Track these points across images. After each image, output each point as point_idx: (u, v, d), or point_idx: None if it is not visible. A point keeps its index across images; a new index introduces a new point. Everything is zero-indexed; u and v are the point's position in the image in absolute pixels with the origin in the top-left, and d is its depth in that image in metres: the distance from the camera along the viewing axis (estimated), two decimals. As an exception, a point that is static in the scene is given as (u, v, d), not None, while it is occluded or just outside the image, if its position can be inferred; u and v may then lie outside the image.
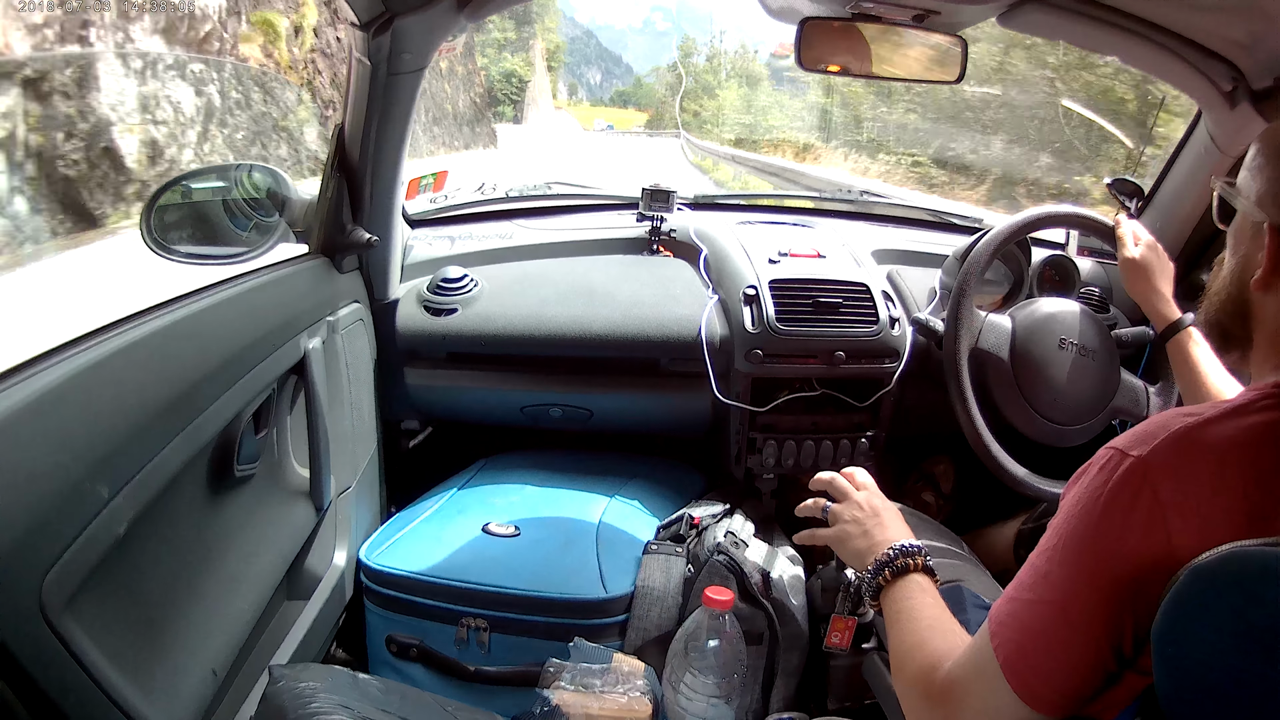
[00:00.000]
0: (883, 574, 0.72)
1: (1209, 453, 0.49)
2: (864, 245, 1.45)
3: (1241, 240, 0.59)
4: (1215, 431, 0.50)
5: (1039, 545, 0.55)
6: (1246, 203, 0.58)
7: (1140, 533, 0.49)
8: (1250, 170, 0.58)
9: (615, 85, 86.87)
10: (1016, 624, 0.54)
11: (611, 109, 77.34)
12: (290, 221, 1.06)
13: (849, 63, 1.11)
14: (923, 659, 0.62)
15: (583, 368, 1.29)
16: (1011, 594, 0.56)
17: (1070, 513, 0.53)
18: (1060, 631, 0.52)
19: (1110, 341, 1.16)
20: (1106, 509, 0.50)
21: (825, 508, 0.84)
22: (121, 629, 0.65)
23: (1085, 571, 0.51)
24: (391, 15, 0.94)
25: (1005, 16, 1.01)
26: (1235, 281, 0.59)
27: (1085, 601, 0.51)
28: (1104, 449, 0.53)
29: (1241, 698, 0.42)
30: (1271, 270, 0.55)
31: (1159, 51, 1.05)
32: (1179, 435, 0.50)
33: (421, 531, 1.17)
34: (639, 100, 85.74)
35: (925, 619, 0.67)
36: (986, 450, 1.10)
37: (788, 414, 1.28)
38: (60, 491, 0.57)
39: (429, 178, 1.54)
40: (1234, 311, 0.59)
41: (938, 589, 0.70)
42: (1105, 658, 0.51)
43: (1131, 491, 0.49)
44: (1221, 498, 0.48)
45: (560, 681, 0.98)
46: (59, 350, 0.62)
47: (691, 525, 1.17)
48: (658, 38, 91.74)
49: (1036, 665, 0.52)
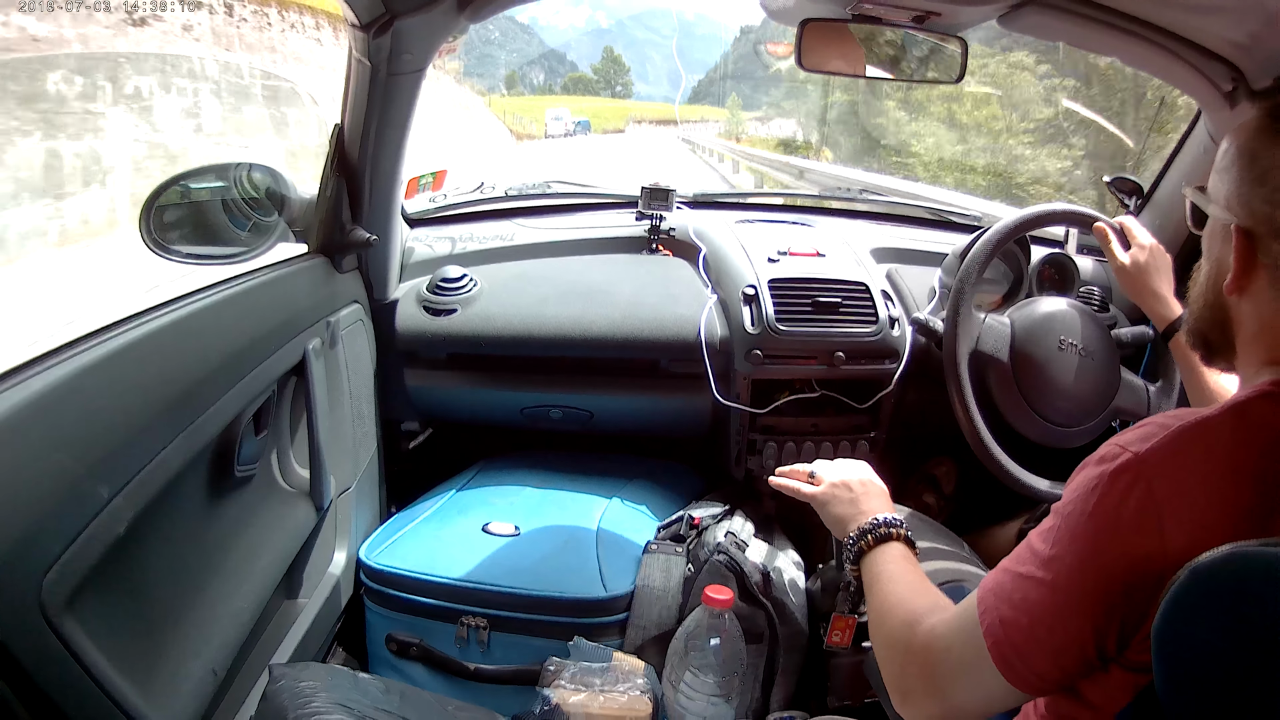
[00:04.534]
0: (865, 539, 0.74)
1: (1207, 452, 0.49)
2: (863, 244, 1.45)
3: (1214, 245, 0.59)
4: (1214, 431, 0.50)
5: (1040, 525, 0.56)
6: (1216, 207, 0.57)
7: (1132, 529, 0.49)
8: (1219, 172, 0.58)
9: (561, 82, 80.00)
10: (1004, 594, 0.55)
11: (587, 100, 65.44)
12: (289, 221, 1.06)
13: (849, 64, 1.11)
14: (904, 614, 0.63)
15: (582, 369, 1.29)
16: (1005, 566, 0.56)
17: (1070, 498, 0.53)
18: (1046, 611, 0.52)
19: (1110, 341, 1.15)
20: (1101, 502, 0.51)
21: (813, 472, 0.86)
22: (121, 629, 0.65)
23: (1077, 557, 0.51)
24: (392, 16, 0.93)
25: (1005, 18, 1.01)
26: (1211, 288, 0.59)
27: (1074, 586, 0.51)
28: (1108, 442, 0.53)
29: (1241, 697, 0.42)
30: (1241, 272, 0.54)
31: (1159, 52, 1.05)
32: (1177, 434, 0.50)
33: (421, 531, 1.17)
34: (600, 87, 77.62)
35: (906, 580, 0.68)
36: (987, 451, 1.10)
37: (788, 415, 1.28)
38: (60, 491, 0.57)
39: (428, 177, 1.54)
40: (1212, 319, 0.59)
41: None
42: (1086, 647, 0.51)
43: (1126, 487, 0.50)
44: (1217, 498, 0.48)
45: (560, 680, 0.98)
46: (59, 350, 0.62)
47: (692, 525, 1.17)
48: (601, 35, 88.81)
49: (1016, 640, 0.53)
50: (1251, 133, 0.55)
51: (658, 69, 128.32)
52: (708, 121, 44.56)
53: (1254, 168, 0.54)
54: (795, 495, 0.86)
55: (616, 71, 72.39)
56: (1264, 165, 0.54)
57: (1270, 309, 0.54)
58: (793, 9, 1.06)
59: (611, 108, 51.15)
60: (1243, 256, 0.54)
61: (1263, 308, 0.55)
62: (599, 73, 74.40)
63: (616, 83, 70.47)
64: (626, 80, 72.75)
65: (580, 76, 78.02)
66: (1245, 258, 0.54)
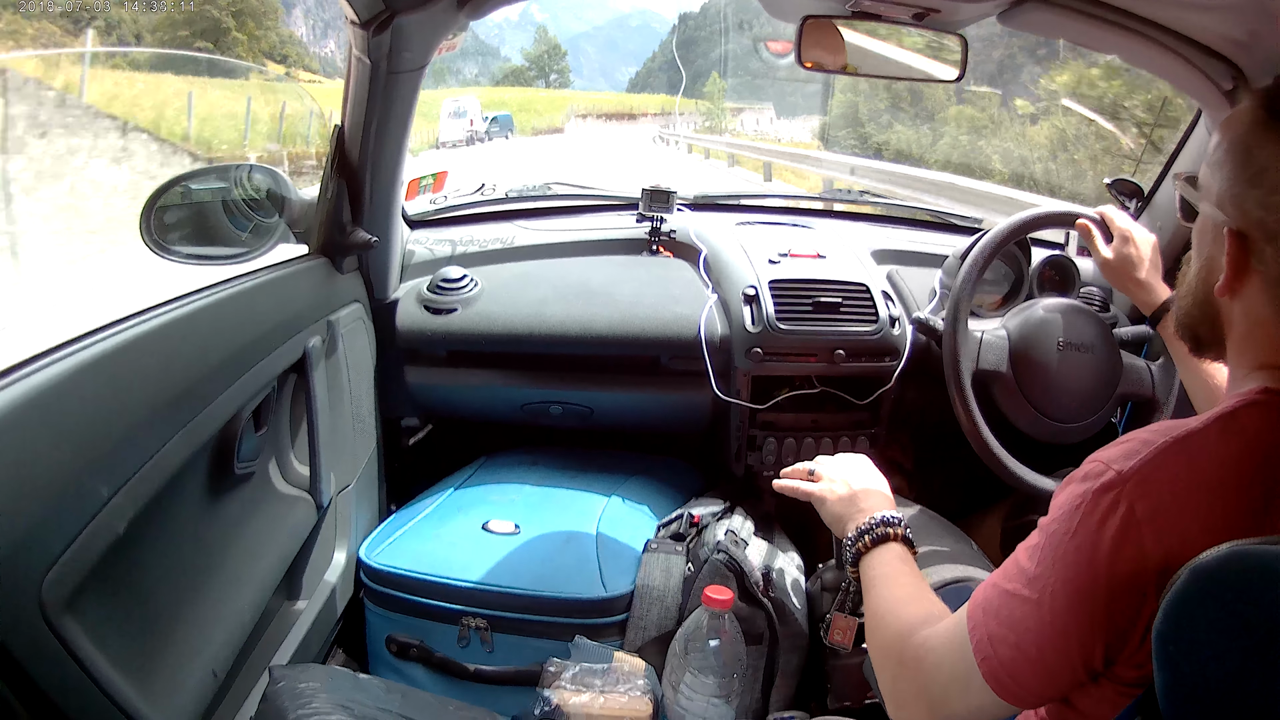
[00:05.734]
0: (862, 540, 0.73)
1: (1191, 467, 0.49)
2: (864, 245, 1.45)
3: (1204, 242, 0.56)
4: (1199, 445, 0.49)
5: (1027, 540, 0.55)
6: (1208, 204, 0.55)
7: (1114, 548, 0.48)
8: (1211, 165, 0.55)
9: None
10: (993, 611, 0.54)
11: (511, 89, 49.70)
12: (290, 222, 1.06)
13: (849, 61, 1.11)
14: (898, 624, 0.63)
15: (583, 366, 1.29)
16: (994, 580, 0.56)
17: (1054, 516, 0.53)
18: (1032, 630, 0.52)
19: (1108, 331, 1.15)
20: (1084, 522, 0.50)
21: (813, 469, 0.85)
22: (121, 629, 0.65)
23: (1061, 578, 0.51)
24: (392, 13, 0.93)
25: (1005, 15, 1.01)
26: (1201, 285, 0.57)
27: (1059, 606, 0.51)
28: (1090, 459, 0.53)
29: (1242, 698, 0.42)
30: (1234, 276, 0.52)
31: (1159, 50, 1.05)
32: (1160, 451, 0.49)
33: (421, 530, 1.17)
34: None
35: (902, 585, 0.68)
36: (987, 448, 1.09)
37: (788, 412, 1.28)
38: (60, 490, 0.57)
39: (429, 178, 1.54)
40: (1201, 316, 0.57)
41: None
42: (1075, 664, 0.51)
43: (1109, 507, 0.49)
44: (1204, 512, 0.48)
45: (561, 681, 0.98)
46: (59, 348, 0.62)
47: (692, 524, 1.17)
48: (534, 26, 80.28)
49: (1005, 657, 0.53)
50: (1246, 126, 0.53)
51: (591, 61, 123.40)
52: (674, 114, 34.88)
53: (1248, 166, 0.52)
54: (795, 494, 0.86)
55: (552, 57, 62.39)
56: (1259, 164, 0.51)
57: (1263, 313, 0.52)
58: (793, 5, 1.06)
59: (545, 99, 40.14)
60: (1235, 260, 0.52)
61: (1255, 311, 0.53)
62: (532, 59, 64.41)
63: (552, 70, 60.95)
64: (563, 67, 63.64)
65: (514, 68, 67.28)
66: (1238, 262, 0.52)
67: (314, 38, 55.25)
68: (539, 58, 63.74)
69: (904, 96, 14.44)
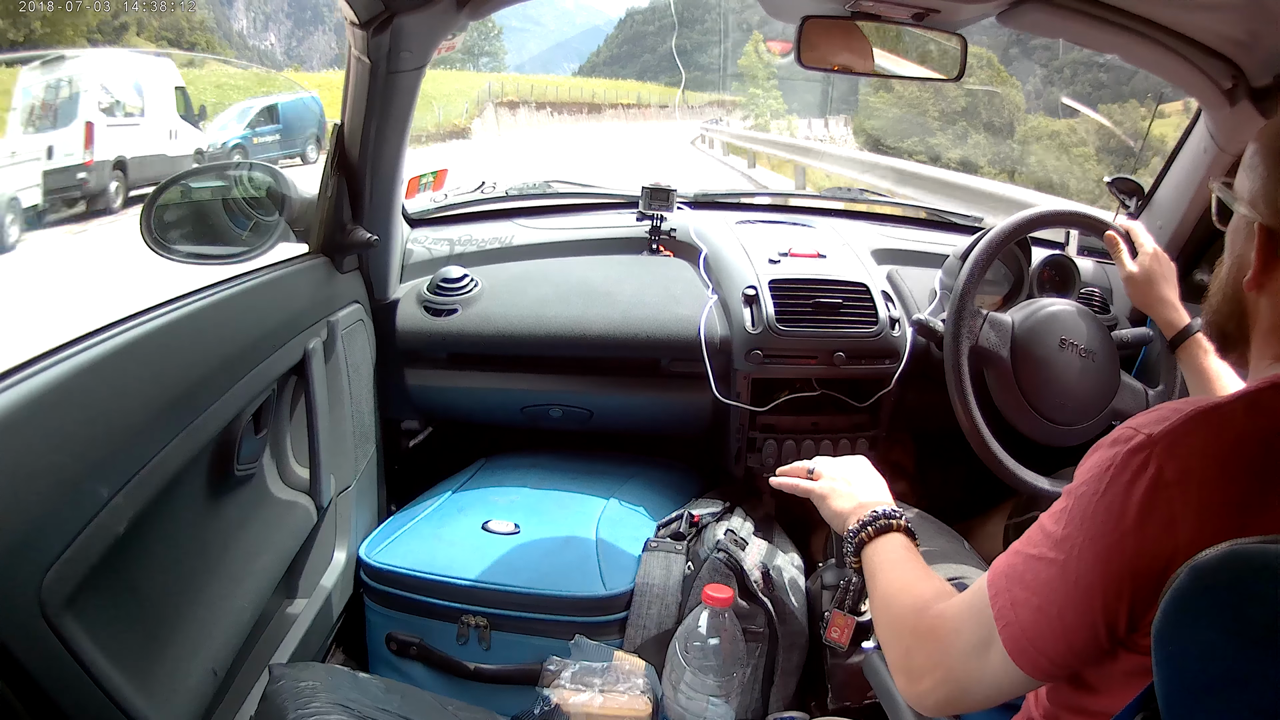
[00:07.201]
0: (865, 530, 0.74)
1: (1218, 436, 0.50)
2: (864, 245, 1.45)
3: (1237, 241, 0.59)
4: (1226, 417, 0.50)
5: (1051, 508, 0.56)
6: (1242, 204, 0.58)
7: (1144, 509, 0.49)
8: (1246, 169, 0.58)
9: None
10: (1016, 576, 0.55)
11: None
12: (290, 221, 1.06)
13: (849, 61, 1.11)
14: (911, 600, 0.63)
15: (583, 368, 1.29)
16: (1017, 548, 0.56)
17: (1082, 479, 0.54)
18: (1057, 591, 0.52)
19: (1111, 343, 1.15)
20: (1114, 482, 0.51)
21: (812, 469, 0.85)
22: (121, 628, 0.65)
23: (1089, 537, 0.51)
24: (392, 13, 0.93)
25: (1005, 15, 1.01)
26: (1231, 282, 0.59)
27: (1085, 566, 0.51)
28: (1122, 425, 0.54)
29: (1241, 696, 0.42)
30: (1262, 269, 0.55)
31: (1159, 50, 1.05)
32: (1190, 417, 0.50)
33: (421, 529, 1.17)
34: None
35: (911, 568, 0.68)
36: (987, 449, 1.10)
37: (787, 414, 1.28)
38: (60, 491, 0.57)
39: (429, 176, 1.54)
40: (1230, 312, 0.60)
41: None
42: (1097, 628, 0.51)
43: (1138, 468, 0.50)
44: (1227, 481, 0.49)
45: (560, 680, 0.98)
46: (59, 350, 0.62)
47: (691, 523, 1.17)
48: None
49: (1027, 622, 0.53)
50: (1277, 131, 0.56)
51: (535, 58, 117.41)
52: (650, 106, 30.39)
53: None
54: (795, 492, 0.86)
55: (484, 36, 48.39)
56: None
57: None
58: (793, 5, 1.06)
59: (465, 78, 25.91)
60: (1263, 254, 0.55)
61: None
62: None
63: (482, 52, 48.54)
64: (497, 49, 51.35)
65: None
66: (1266, 255, 0.55)
67: (255, 30, 54.56)
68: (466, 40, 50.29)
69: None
